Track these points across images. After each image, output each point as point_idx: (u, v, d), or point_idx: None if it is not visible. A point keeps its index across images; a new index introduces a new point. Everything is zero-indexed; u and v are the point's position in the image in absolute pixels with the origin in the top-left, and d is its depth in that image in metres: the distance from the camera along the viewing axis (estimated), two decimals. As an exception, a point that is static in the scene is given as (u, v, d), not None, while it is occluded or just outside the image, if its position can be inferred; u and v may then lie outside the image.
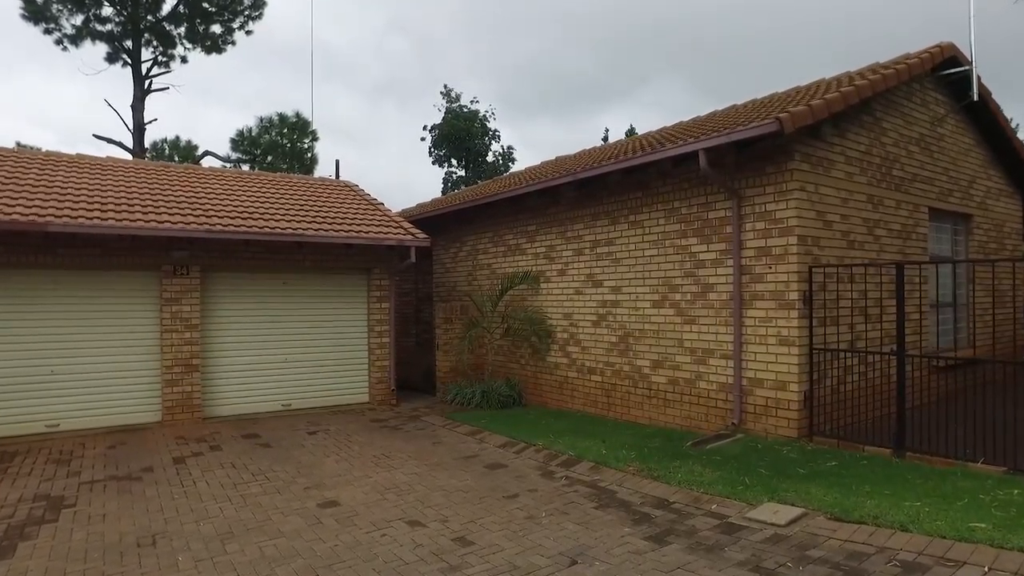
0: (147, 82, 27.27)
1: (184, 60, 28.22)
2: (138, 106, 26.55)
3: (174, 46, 27.53)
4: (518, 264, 11.63)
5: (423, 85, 66.93)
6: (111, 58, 26.55)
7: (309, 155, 25.50)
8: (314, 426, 9.74)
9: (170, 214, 9.57)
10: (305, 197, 12.31)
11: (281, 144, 25.09)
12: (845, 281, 7.66)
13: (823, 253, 7.49)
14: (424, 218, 13.56)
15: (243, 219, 10.08)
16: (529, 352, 11.35)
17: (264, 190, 12.24)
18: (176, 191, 10.90)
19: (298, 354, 11.07)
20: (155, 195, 10.39)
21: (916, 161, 8.96)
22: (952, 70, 9.06)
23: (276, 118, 25.17)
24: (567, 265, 10.51)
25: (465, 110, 33.20)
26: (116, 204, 9.47)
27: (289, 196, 12.15)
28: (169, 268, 9.73)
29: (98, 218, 8.69)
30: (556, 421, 9.53)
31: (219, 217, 9.92)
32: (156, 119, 25.82)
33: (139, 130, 25.86)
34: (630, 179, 9.27)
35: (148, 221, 9.08)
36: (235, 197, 11.28)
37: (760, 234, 7.54)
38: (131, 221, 8.91)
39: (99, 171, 11.19)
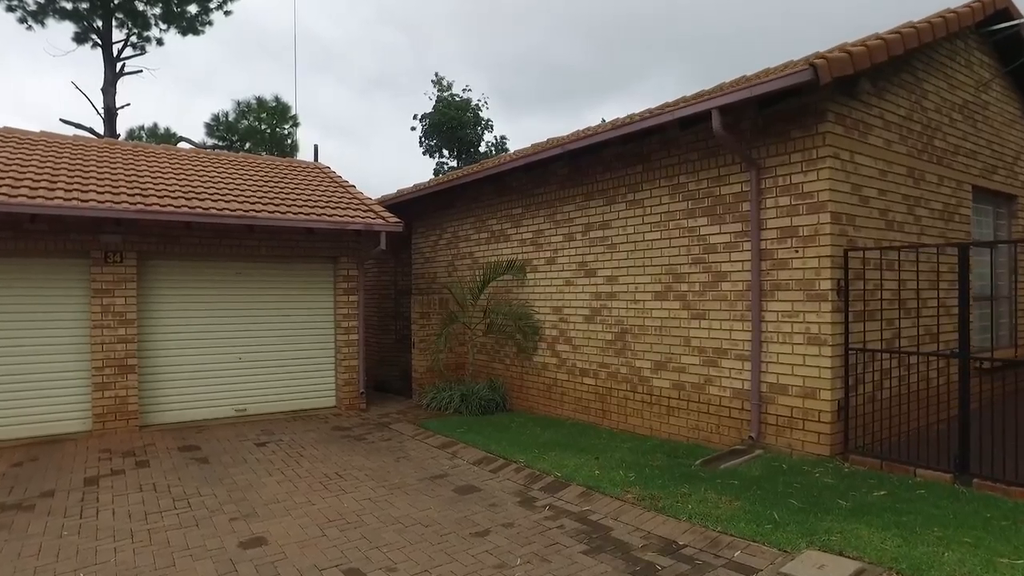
0: (119, 64, 25.93)
1: (160, 42, 26.87)
2: (109, 90, 25.18)
3: (148, 27, 26.19)
4: (502, 252, 10.39)
5: (416, 79, 65.64)
6: (79, 38, 25.17)
7: (290, 141, 24.19)
8: (266, 435, 8.50)
9: (99, 192, 8.30)
10: (266, 178, 11.04)
11: (260, 130, 23.75)
12: (884, 268, 6.45)
13: (859, 235, 6.27)
14: (401, 202, 12.31)
15: (186, 199, 8.81)
16: (514, 351, 10.13)
17: (219, 169, 10.97)
18: (116, 169, 9.62)
19: (254, 353, 9.82)
20: (88, 173, 9.11)
21: (959, 131, 7.73)
22: (1002, 25, 7.84)
23: (254, 102, 23.82)
24: (556, 252, 9.28)
25: (457, 99, 31.90)
26: (35, 180, 8.18)
27: (247, 176, 10.87)
28: (99, 254, 8.45)
29: (6, 194, 7.41)
30: (543, 431, 8.31)
31: (158, 197, 8.65)
32: (129, 104, 24.38)
33: (110, 115, 24.50)
34: (629, 151, 8.04)
35: (70, 199, 7.80)
36: (183, 176, 10.01)
37: (784, 212, 6.32)
38: (47, 199, 7.63)
39: (27, 146, 9.90)
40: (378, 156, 59.04)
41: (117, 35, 25.74)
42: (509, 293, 10.24)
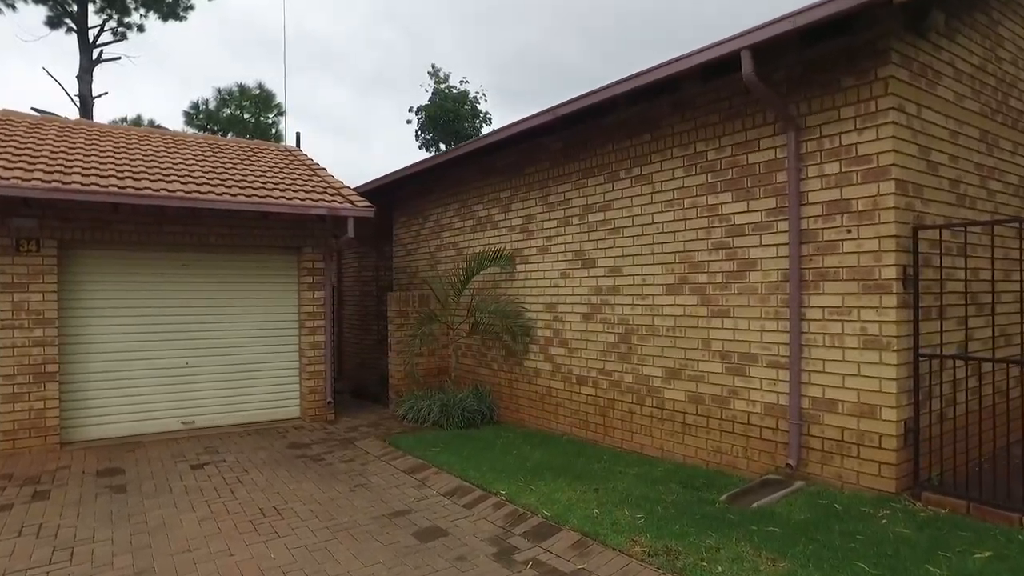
0: (97, 51, 24.70)
1: (141, 29, 25.66)
2: (85, 77, 23.95)
3: (127, 12, 24.95)
4: (489, 241, 9.10)
5: (415, 78, 64.48)
6: (52, 23, 23.94)
7: (274, 131, 22.90)
8: (209, 454, 7.22)
9: (8, 168, 7.01)
10: (222, 159, 9.74)
11: (243, 119, 22.46)
12: (956, 253, 5.15)
13: (927, 210, 4.96)
14: (380, 188, 11.00)
15: (118, 178, 7.52)
16: (502, 354, 8.83)
17: (170, 149, 9.67)
18: (43, 146, 8.33)
19: (204, 357, 8.54)
20: (5, 148, 7.83)
21: (1033, 90, 6.42)
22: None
23: (236, 90, 22.53)
24: (550, 240, 7.98)
25: (454, 91, 30.56)
26: (-69, 154, 6.91)
27: (201, 156, 9.57)
28: (9, 242, 7.17)
29: None
30: (533, 450, 7.01)
31: (83, 175, 7.36)
32: (107, 93, 23.10)
33: (85, 103, 23.24)
34: (634, 116, 6.74)
35: (-33, 175, 6.53)
36: (124, 154, 8.72)
37: (832, 181, 5.01)
38: (-63, 174, 6.35)
39: (-58, 119, 8.63)
40: (378, 155, 57.88)
41: (94, 20, 24.61)
42: (497, 288, 8.94)
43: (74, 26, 24.25)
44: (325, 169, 10.42)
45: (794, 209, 5.22)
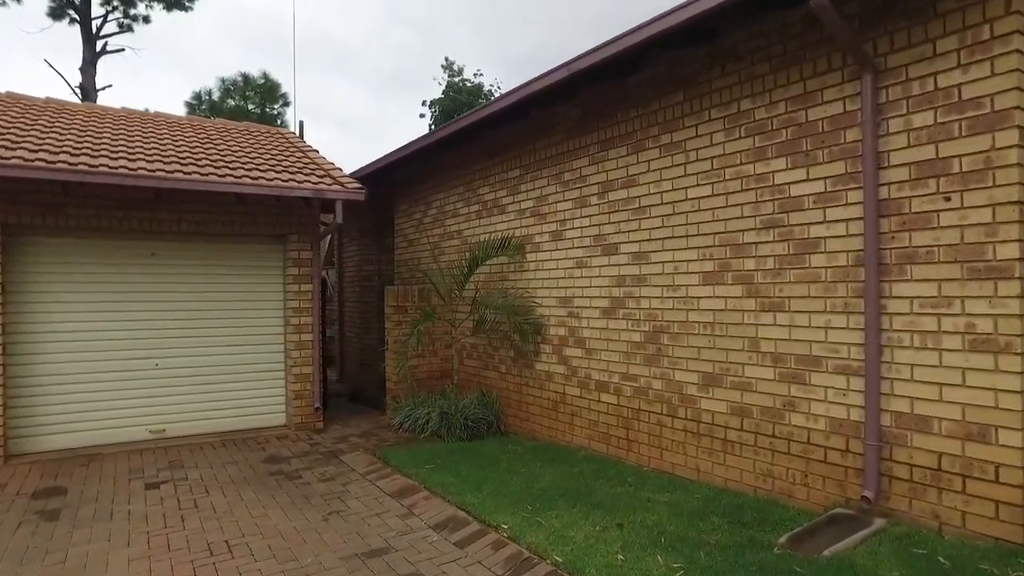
0: (101, 43, 24.07)
1: (147, 20, 25.00)
2: (88, 69, 23.33)
3: (133, 3, 24.29)
4: (496, 228, 8.06)
5: (428, 75, 63.80)
6: (55, 14, 23.32)
7: (280, 122, 22.07)
8: (172, 470, 6.27)
9: (-59, 142, 6.12)
10: (201, 139, 8.81)
11: (247, 110, 21.65)
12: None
13: (1048, 172, 3.84)
14: (377, 172, 10.01)
15: (71, 155, 6.60)
16: (511, 356, 7.80)
17: (145, 129, 8.76)
18: (-1, 122, 7.45)
19: (177, 358, 7.60)
20: (-50, 122, 6.95)
21: None
22: None
23: (240, 80, 21.72)
24: (564, 224, 6.93)
25: (468, 84, 29.62)
26: None
27: (176, 136, 8.65)
28: (-56, 227, 6.29)
29: None
30: (544, 468, 5.97)
31: (30, 151, 6.44)
32: (111, 85, 22.52)
33: (87, 95, 22.59)
34: (663, 74, 5.67)
35: None
36: (88, 133, 7.80)
37: (924, 136, 3.92)
38: None
39: None
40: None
41: (98, 11, 23.97)
42: (504, 281, 7.91)
43: (77, 17, 23.65)
44: (317, 151, 9.45)
45: (870, 174, 4.13)
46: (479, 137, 8.08)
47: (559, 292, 7.01)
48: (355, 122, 57.96)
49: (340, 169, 8.43)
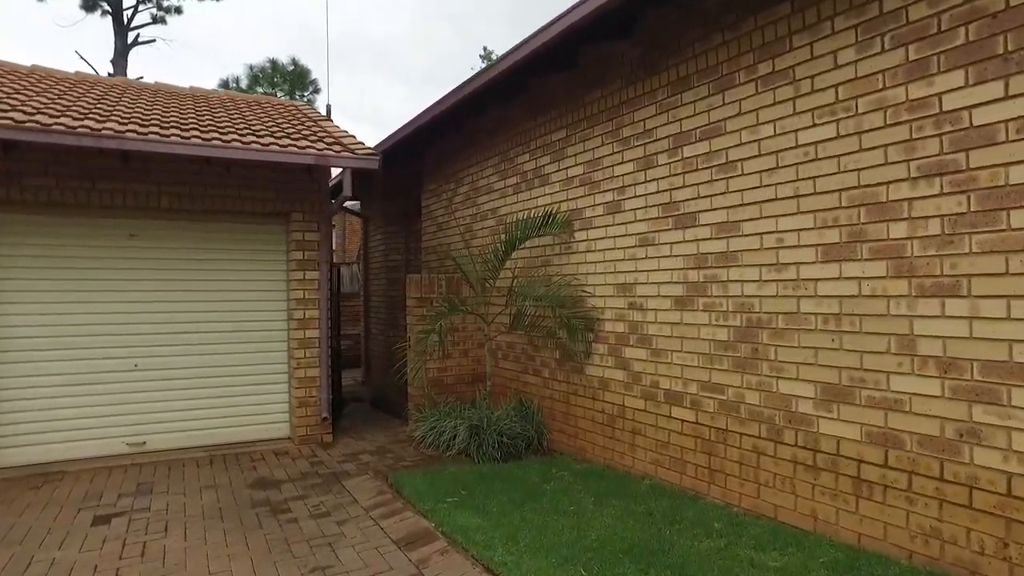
0: (133, 35, 23.53)
1: (179, 11, 24.40)
2: (119, 61, 22.78)
3: (163, -7, 23.69)
4: (537, 203, 6.68)
5: (465, 70, 62.93)
6: (88, 6, 22.82)
7: (311, 110, 21.10)
8: (137, 496, 5.08)
9: None
10: (199, 107, 7.65)
11: (276, 97, 20.74)
12: None
13: None
14: (400, 143, 8.71)
15: (24, 113, 5.45)
16: (556, 357, 6.40)
17: (138, 97, 7.65)
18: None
19: (160, 357, 6.44)
20: None
21: None
22: None
23: (269, 66, 20.81)
24: (623, 192, 5.50)
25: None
26: None
27: (169, 104, 7.50)
28: None
29: None
30: (600, 505, 4.57)
31: (-24, 107, 5.33)
32: (141, 77, 21.77)
33: (118, 87, 22.00)
34: (763, -21, 4.21)
35: None
36: (64, 97, 6.68)
37: None
38: None
39: None
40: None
41: (129, 1, 23.41)
42: (548, 266, 6.53)
43: (109, 9, 23.14)
44: (332, 121, 8.22)
45: None
46: (517, 92, 6.72)
47: (617, 278, 5.58)
48: (394, 123, 57.40)
49: (353, 137, 7.15)
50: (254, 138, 6.22)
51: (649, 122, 5.23)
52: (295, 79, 20.19)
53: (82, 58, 26.77)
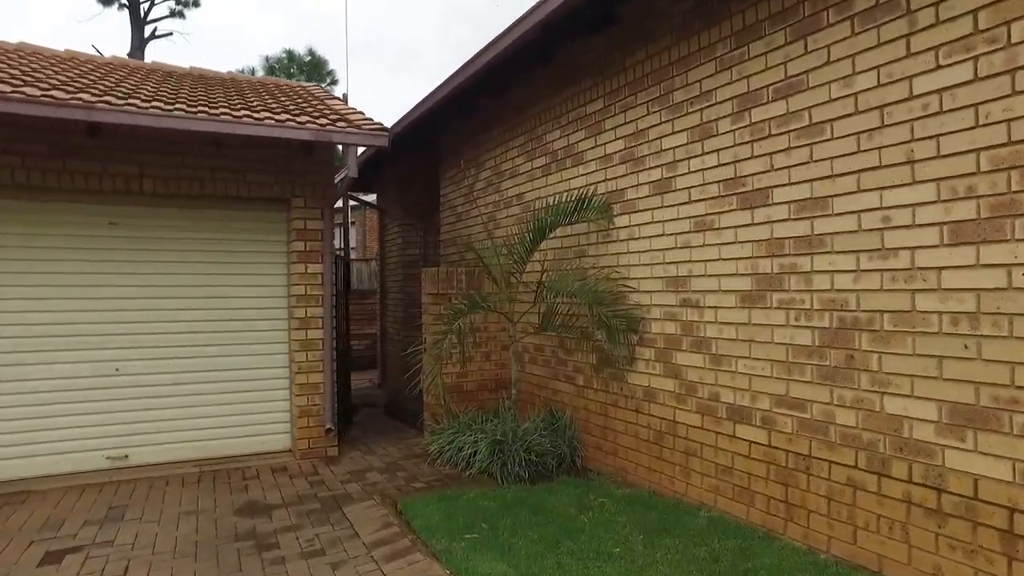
0: (151, 28, 23.11)
1: (196, 3, 23.94)
2: (136, 55, 22.31)
3: (182, -15, 23.24)
4: (570, 185, 5.84)
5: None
6: (106, 0, 22.44)
7: (329, 103, 20.47)
8: (104, 524, 4.35)
9: None
10: (195, 85, 6.93)
11: (296, 90, 20.17)
12: None
13: None
14: (413, 124, 7.90)
15: (-16, 81, 4.75)
16: (592, 362, 5.56)
17: (127, 75, 6.95)
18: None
19: (145, 361, 5.73)
20: None
21: None
22: None
23: (284, 57, 20.20)
24: (674, 168, 4.63)
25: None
26: None
27: (163, 82, 6.80)
28: None
29: None
30: (650, 545, 3.72)
31: (-74, 74, 4.63)
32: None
33: (135, 80, 21.59)
34: None
35: None
36: (44, 71, 5.98)
37: None
38: None
39: None
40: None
41: (146, -6, 22.98)
42: (582, 257, 5.69)
43: (126, 2, 22.77)
44: (341, 99, 7.46)
45: None
46: (543, 60, 5.89)
47: (666, 270, 4.72)
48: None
49: (361, 113, 6.36)
50: (247, 112, 5.45)
51: (707, 83, 4.36)
52: (311, 70, 19.56)
53: (98, 52, 26.27)
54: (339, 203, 20.09)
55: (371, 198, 12.88)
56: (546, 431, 5.61)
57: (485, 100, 7.07)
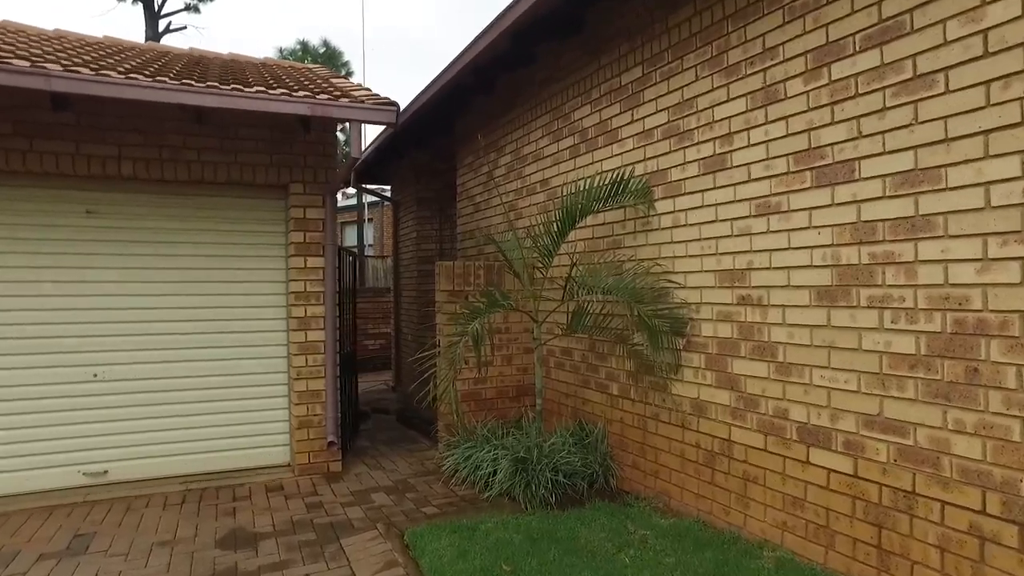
0: (165, 22, 22.74)
1: (212, -3, 23.51)
2: (150, 48, 21.96)
3: (196, -20, 22.81)
4: (602, 167, 5.13)
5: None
6: (118, -10, 22.09)
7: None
8: (64, 558, 3.74)
9: None
10: (186, 61, 6.33)
11: (311, 83, 19.65)
12: None
13: None
14: (429, 105, 7.21)
15: (-64, 48, 4.16)
16: (628, 369, 4.85)
17: (108, 49, 6.36)
18: None
19: (126, 365, 5.13)
20: None
21: None
22: None
23: (299, 48, 19.68)
24: (729, 142, 3.90)
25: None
26: None
27: (152, 57, 6.20)
28: None
29: None
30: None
31: None
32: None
33: (148, 75, 21.19)
34: None
35: None
36: (23, 43, 5.41)
37: None
38: None
39: None
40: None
41: (160, -11, 22.61)
42: (617, 248, 4.98)
43: (139, -5, 22.42)
44: (347, 78, 6.81)
45: None
46: (570, 27, 5.19)
47: (720, 262, 4.00)
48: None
49: (368, 90, 5.69)
50: (237, 84, 4.81)
51: (771, 37, 3.63)
52: (326, 61, 18.99)
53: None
54: (353, 200, 19.59)
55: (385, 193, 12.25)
56: (575, 447, 4.92)
57: (505, 76, 6.39)
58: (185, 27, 22.46)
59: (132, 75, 4.20)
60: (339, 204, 23.27)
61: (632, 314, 4.32)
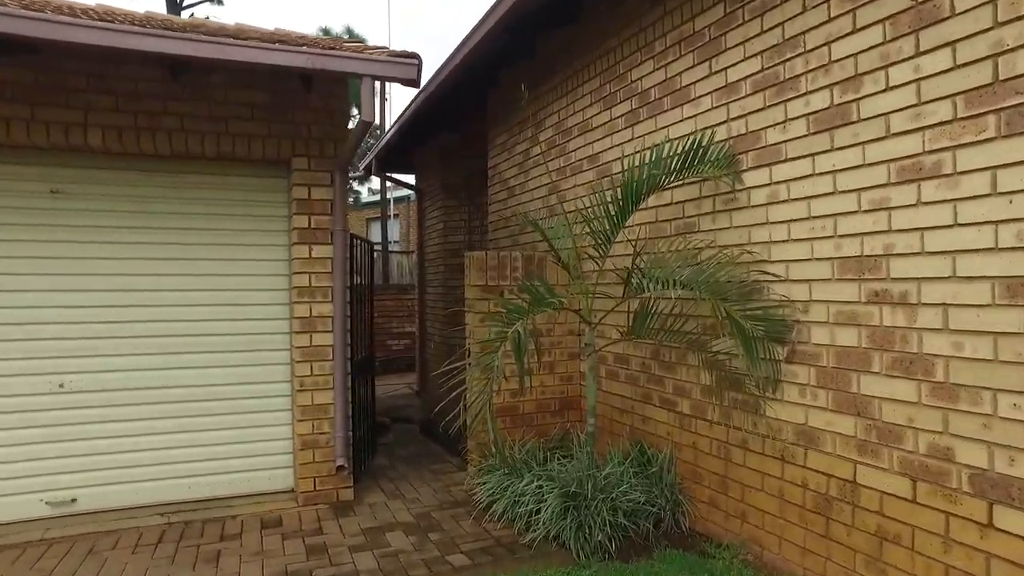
0: (188, 13, 22.24)
1: (234, -14, 22.92)
2: (170, 37, 21.48)
3: (218, -37, 22.28)
4: (668, 134, 4.17)
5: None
6: (139, -20, 21.63)
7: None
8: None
9: None
10: (186, 21, 5.50)
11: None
12: None
13: None
14: (456, 74, 6.29)
15: None
16: (704, 382, 3.89)
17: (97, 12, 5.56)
18: None
19: (98, 373, 4.31)
20: None
21: None
22: None
23: (320, 34, 18.97)
24: (855, 87, 2.92)
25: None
26: None
27: (137, 18, 5.37)
28: None
29: None
30: None
31: None
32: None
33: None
34: None
35: None
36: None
37: None
38: None
39: None
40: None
41: (182, -25, 22.13)
42: (690, 232, 4.02)
43: (162, -15, 21.97)
44: (364, 41, 5.94)
45: None
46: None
47: (840, 247, 3.02)
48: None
49: (384, 49, 4.80)
50: (227, 36, 3.96)
51: (925, -63, 2.64)
52: (350, 48, 18.24)
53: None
54: (377, 195, 18.80)
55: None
56: (636, 477, 4.00)
57: (546, 36, 5.47)
58: (207, 17, 21.67)
59: (83, 13, 3.36)
60: (363, 200, 22.47)
61: (719, 315, 3.35)
